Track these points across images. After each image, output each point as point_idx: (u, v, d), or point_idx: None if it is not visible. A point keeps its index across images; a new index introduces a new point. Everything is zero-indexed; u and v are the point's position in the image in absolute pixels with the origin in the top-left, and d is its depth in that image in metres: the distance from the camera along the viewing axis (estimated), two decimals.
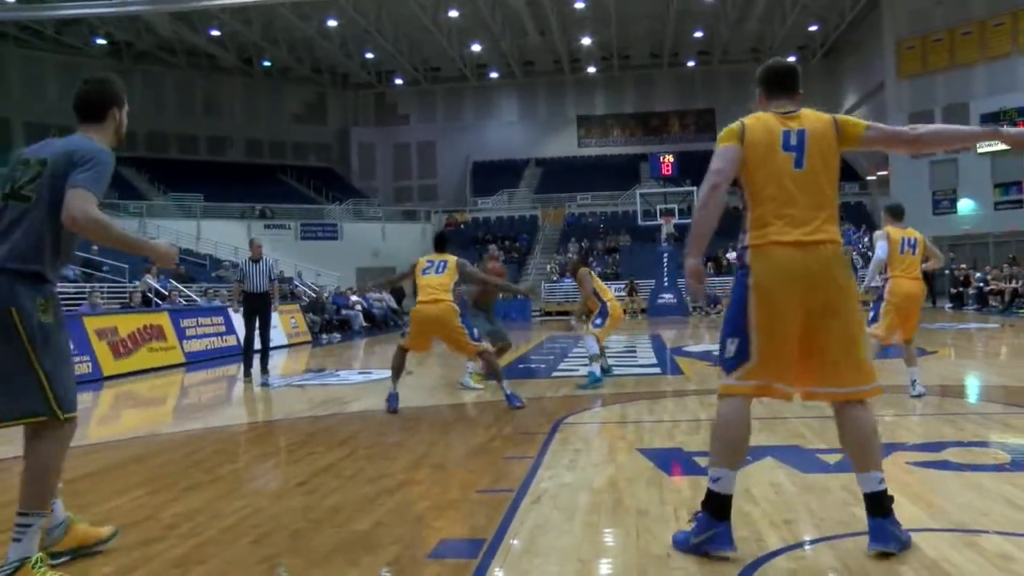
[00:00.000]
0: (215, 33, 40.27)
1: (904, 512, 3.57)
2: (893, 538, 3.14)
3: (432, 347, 8.24)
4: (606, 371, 9.65)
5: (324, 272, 33.46)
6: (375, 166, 50.31)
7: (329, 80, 49.06)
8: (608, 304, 9.51)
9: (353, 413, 7.90)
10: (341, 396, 9.26)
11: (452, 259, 7.82)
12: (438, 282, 7.67)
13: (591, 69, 47.99)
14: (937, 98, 33.98)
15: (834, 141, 3.40)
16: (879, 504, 3.19)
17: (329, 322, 23.77)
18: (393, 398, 7.67)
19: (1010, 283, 23.74)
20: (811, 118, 3.44)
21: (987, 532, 3.41)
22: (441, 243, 8.18)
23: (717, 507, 3.27)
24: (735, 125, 3.47)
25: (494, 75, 48.41)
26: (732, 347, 3.31)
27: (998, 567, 3.01)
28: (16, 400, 3.10)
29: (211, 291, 23.88)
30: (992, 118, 32.20)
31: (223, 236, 34.98)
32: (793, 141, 3.37)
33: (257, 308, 11.17)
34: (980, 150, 32.39)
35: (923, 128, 3.55)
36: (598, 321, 9.36)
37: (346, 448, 5.95)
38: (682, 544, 3.31)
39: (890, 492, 3.23)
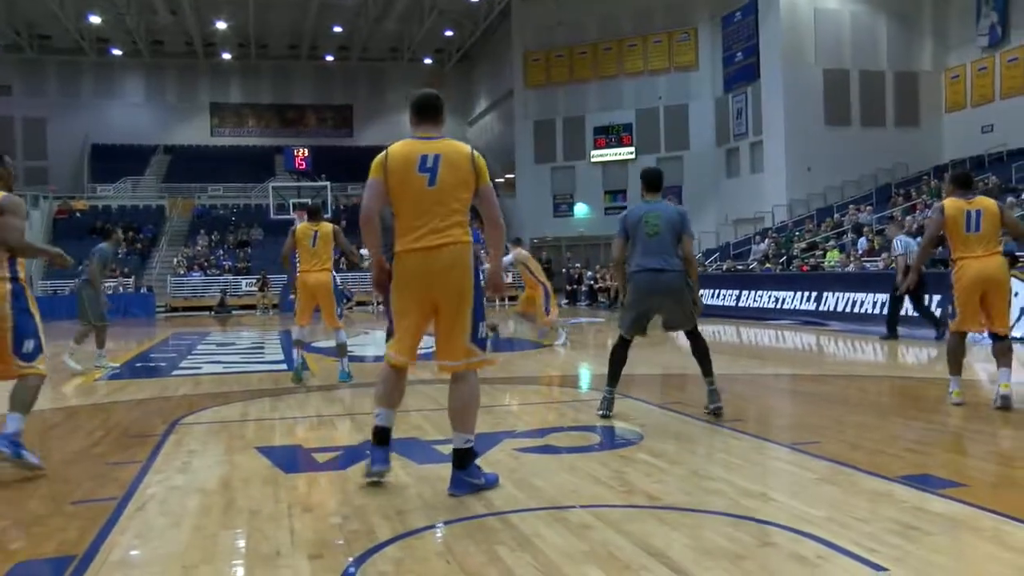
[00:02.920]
0: None
1: (505, 495, 4.13)
2: (467, 484, 4.13)
3: None
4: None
5: None
6: None
7: None
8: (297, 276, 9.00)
9: None
10: None
11: None
12: None
13: (226, 55, 46.18)
14: (559, 109, 37.39)
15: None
16: (460, 459, 4.17)
17: None
18: None
19: (614, 282, 26.74)
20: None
21: (574, 507, 3.85)
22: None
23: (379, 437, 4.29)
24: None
25: (117, 52, 44.70)
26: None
27: (579, 537, 3.44)
28: None
29: None
30: (603, 131, 36.45)
31: None
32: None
33: None
34: (592, 159, 36.33)
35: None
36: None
37: None
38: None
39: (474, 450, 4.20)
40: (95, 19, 39.79)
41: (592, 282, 28.79)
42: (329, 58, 47.50)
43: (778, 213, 29.45)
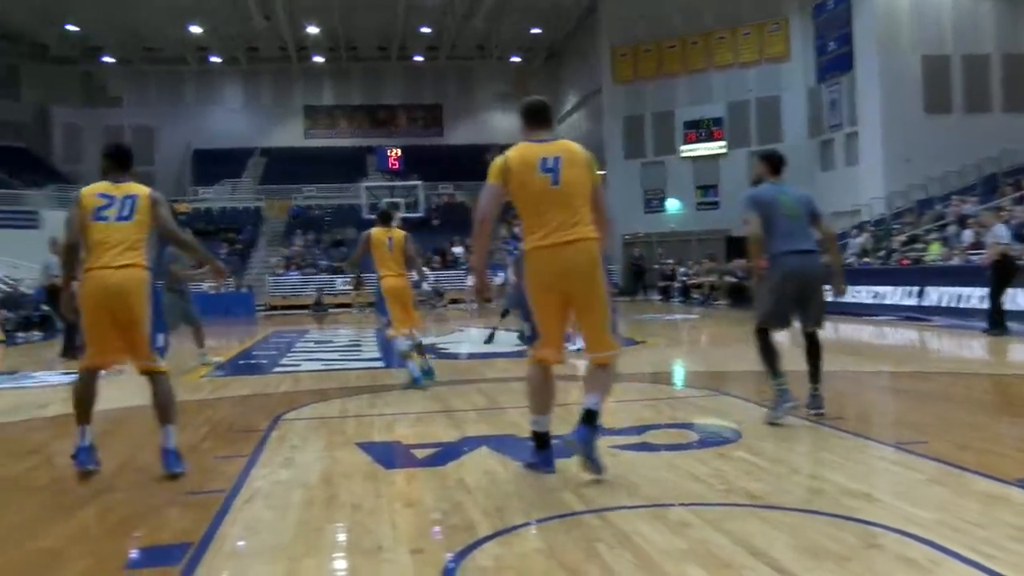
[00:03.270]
0: None
1: (603, 492, 4.13)
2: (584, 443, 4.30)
3: None
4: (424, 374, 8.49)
5: (21, 264, 30.53)
6: (82, 150, 46.38)
7: (23, 51, 44.30)
8: (380, 282, 8.66)
9: (49, 418, 7.28)
10: (36, 400, 8.49)
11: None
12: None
13: (318, 59, 47.23)
14: (647, 104, 36.83)
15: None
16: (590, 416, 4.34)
17: (27, 319, 21.78)
18: None
19: (708, 277, 26.41)
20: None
21: (673, 505, 3.84)
22: None
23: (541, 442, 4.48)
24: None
25: (216, 59, 46.29)
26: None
27: (678, 534, 3.42)
28: None
29: None
30: (693, 125, 35.85)
31: None
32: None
33: None
34: (683, 154, 35.83)
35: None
36: (384, 319, 8.59)
37: (38, 456, 5.59)
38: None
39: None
40: (195, 29, 41.24)
41: (685, 278, 28.44)
42: (418, 58, 48.01)
43: (876, 206, 28.51)
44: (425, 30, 43.77)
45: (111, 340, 4.75)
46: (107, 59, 45.29)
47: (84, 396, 4.85)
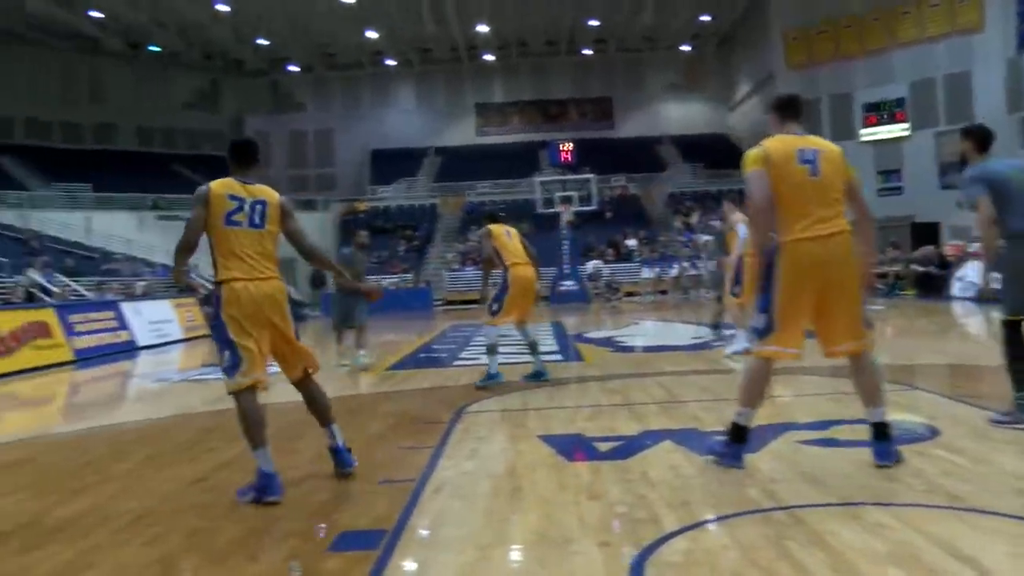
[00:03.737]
0: (96, 15, 38.67)
1: (792, 489, 4.00)
2: (893, 455, 4.28)
3: None
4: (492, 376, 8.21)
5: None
6: (271, 155, 49.32)
7: (221, 66, 47.90)
8: (509, 271, 8.18)
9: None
10: None
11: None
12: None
13: (488, 57, 48.12)
14: (822, 88, 35.26)
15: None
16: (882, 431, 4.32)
17: None
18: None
19: (893, 267, 25.08)
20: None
21: (866, 504, 3.66)
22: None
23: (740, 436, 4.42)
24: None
25: (391, 63, 48.09)
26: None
27: (875, 535, 3.27)
28: None
29: (103, 285, 23.25)
30: (873, 108, 33.97)
31: (115, 228, 33.89)
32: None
33: None
34: (862, 139, 34.09)
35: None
36: (495, 307, 8.12)
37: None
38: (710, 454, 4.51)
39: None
40: (371, 34, 42.96)
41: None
42: (587, 51, 48.04)
43: None
44: (593, 23, 43.76)
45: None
46: (292, 68, 48.05)
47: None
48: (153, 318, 17.83)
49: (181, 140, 47.20)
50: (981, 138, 5.58)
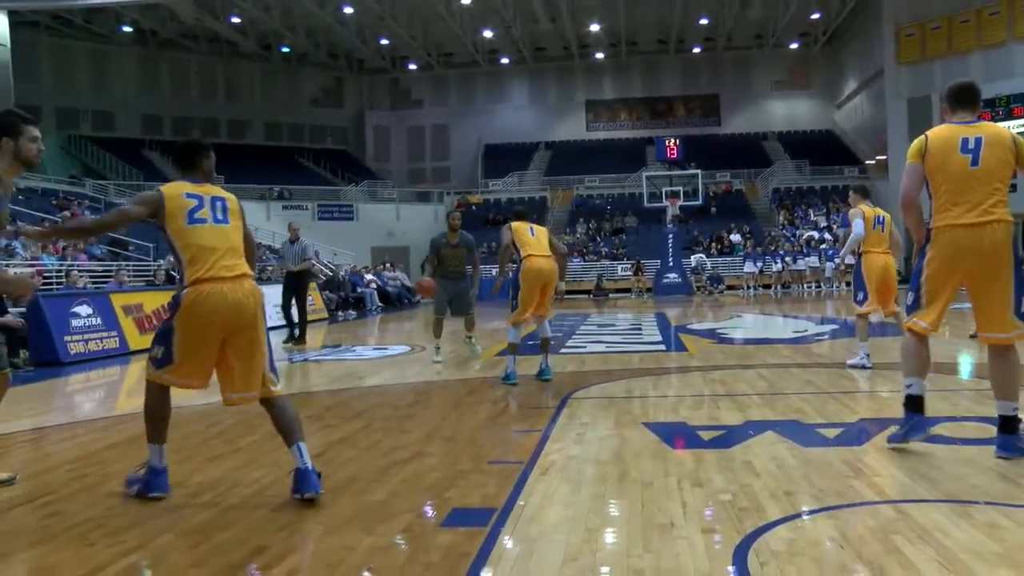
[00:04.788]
0: (236, 20, 41.01)
1: (898, 483, 3.98)
2: (1017, 449, 4.25)
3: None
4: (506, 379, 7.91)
5: (340, 251, 33.90)
6: (390, 149, 50.78)
7: (345, 65, 49.60)
8: (523, 262, 7.76)
9: (368, 387, 8.10)
10: (356, 371, 9.53)
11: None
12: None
13: (599, 55, 48.17)
14: (935, 84, 34.02)
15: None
16: (1008, 424, 4.33)
17: (345, 300, 24.30)
18: None
19: None
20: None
21: (978, 503, 3.59)
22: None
23: (914, 405, 4.48)
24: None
25: (505, 60, 48.70)
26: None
27: (988, 536, 3.19)
28: None
29: None
30: (988, 104, 32.46)
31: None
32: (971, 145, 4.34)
33: (294, 284, 12.00)
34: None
35: None
36: (514, 303, 7.81)
37: (361, 421, 6.13)
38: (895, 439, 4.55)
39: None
40: (488, 33, 43.61)
41: None
42: (696, 49, 47.53)
43: None
44: (703, 21, 43.36)
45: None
46: (411, 66, 49.18)
47: None
48: (275, 301, 18.45)
49: (306, 135, 49.10)
50: None
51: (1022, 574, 2.85)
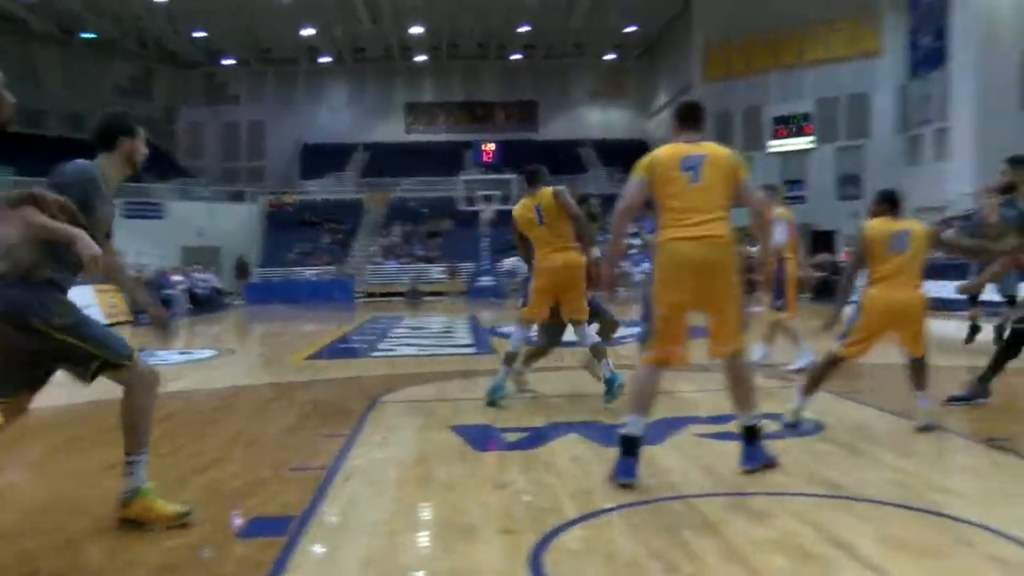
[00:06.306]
0: None
1: (688, 479, 4.21)
2: (760, 459, 4.26)
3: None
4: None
5: (146, 251, 32.08)
6: (203, 145, 48.61)
7: (156, 56, 46.85)
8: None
9: (171, 392, 7.59)
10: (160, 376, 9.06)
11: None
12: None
13: (420, 57, 48.17)
14: (737, 101, 36.84)
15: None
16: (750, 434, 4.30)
17: None
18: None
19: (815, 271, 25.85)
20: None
21: (756, 494, 3.88)
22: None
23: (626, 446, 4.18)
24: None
25: (326, 59, 47.78)
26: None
27: (762, 523, 3.48)
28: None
29: None
30: (782, 121, 35.84)
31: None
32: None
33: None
34: (771, 150, 36.05)
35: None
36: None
37: (160, 428, 5.84)
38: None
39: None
40: (307, 31, 42.69)
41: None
42: (516, 56, 48.46)
43: (963, 202, 27.50)
44: (524, 29, 44.14)
45: None
46: (228, 61, 47.40)
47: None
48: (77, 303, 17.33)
49: None
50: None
51: (792, 557, 3.09)
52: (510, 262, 33.33)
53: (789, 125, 35.85)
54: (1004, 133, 27.52)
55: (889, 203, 5.45)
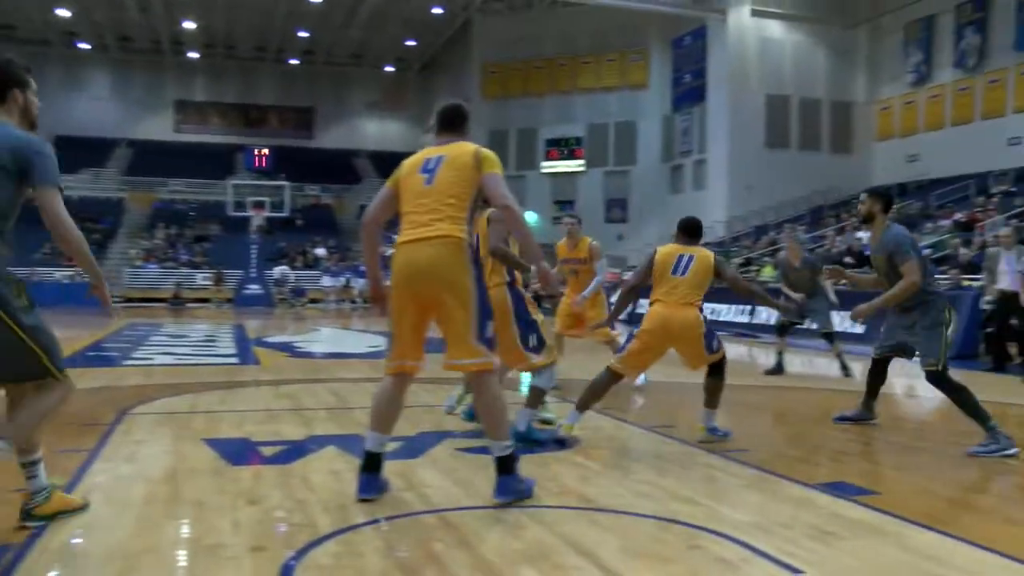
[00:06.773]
0: None
1: (444, 493, 4.24)
2: (513, 491, 4.04)
3: None
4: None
5: None
6: None
7: None
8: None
9: None
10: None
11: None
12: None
13: (193, 54, 45.96)
14: (513, 119, 38.40)
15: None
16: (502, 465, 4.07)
17: None
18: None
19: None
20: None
21: (508, 507, 3.95)
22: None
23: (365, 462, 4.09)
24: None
25: (85, 46, 44.39)
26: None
27: (514, 536, 3.56)
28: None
29: None
30: (555, 143, 37.95)
31: None
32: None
33: None
34: (543, 170, 37.86)
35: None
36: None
37: None
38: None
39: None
40: (62, 12, 39.43)
41: (537, 288, 29.09)
42: (294, 61, 47.47)
43: (717, 229, 30.14)
44: (303, 34, 43.38)
45: None
46: None
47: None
48: None
49: None
50: (888, 201, 6.16)
51: (539, 567, 3.19)
52: (280, 270, 32.65)
53: (561, 148, 37.73)
54: (751, 167, 30.79)
55: (684, 231, 5.85)
